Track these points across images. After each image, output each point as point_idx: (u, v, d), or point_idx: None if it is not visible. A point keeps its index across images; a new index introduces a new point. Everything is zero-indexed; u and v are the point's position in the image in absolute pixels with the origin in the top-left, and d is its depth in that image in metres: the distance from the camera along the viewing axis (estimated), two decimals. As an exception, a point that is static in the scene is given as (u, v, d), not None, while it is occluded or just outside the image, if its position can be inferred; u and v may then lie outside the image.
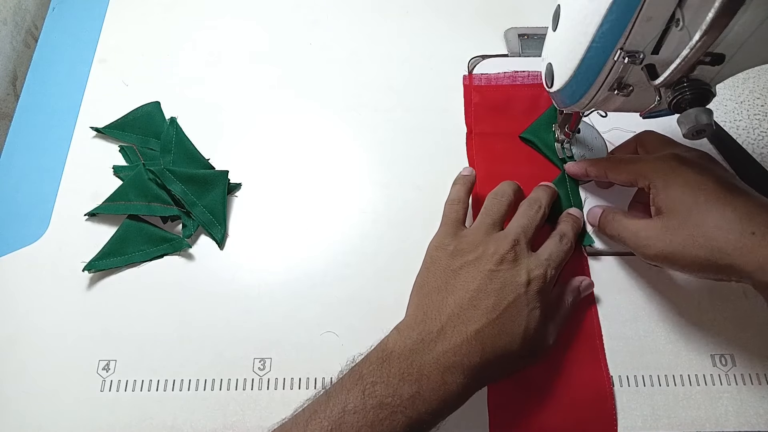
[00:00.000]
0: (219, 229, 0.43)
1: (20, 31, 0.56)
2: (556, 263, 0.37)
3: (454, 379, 0.32)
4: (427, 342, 0.33)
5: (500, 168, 0.46)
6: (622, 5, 0.28)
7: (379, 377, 0.32)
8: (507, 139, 0.48)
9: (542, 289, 0.35)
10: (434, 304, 0.35)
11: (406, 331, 0.34)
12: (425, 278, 0.37)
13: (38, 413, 0.38)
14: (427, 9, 0.54)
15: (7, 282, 0.42)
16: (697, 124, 0.28)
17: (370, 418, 0.30)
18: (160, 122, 0.48)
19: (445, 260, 0.37)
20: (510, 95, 0.49)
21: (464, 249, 0.37)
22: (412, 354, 0.33)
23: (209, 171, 0.45)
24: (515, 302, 0.34)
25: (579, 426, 0.37)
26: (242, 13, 0.54)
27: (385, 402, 0.31)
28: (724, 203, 0.33)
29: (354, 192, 0.46)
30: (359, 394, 0.31)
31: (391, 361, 0.32)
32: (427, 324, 0.34)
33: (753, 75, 0.50)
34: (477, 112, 0.49)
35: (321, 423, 0.31)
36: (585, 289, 0.40)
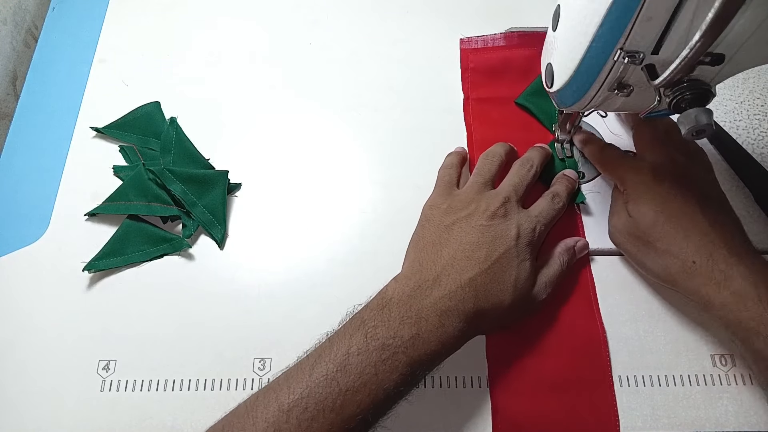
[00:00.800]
0: (219, 229, 0.43)
1: (20, 31, 0.56)
2: (546, 220, 0.39)
3: (451, 322, 0.34)
4: (424, 288, 0.35)
5: (497, 133, 0.47)
6: (622, 5, 0.28)
7: (380, 321, 0.33)
8: (503, 104, 0.49)
9: (531, 242, 0.37)
10: (429, 256, 0.37)
11: (403, 280, 0.36)
12: (420, 234, 0.39)
13: (38, 413, 0.38)
14: (427, 9, 0.54)
15: (7, 282, 0.42)
16: (697, 124, 0.28)
17: (374, 359, 0.32)
18: (160, 122, 0.48)
19: (438, 217, 0.39)
20: (506, 56, 0.50)
21: (457, 206, 0.39)
22: (410, 299, 0.34)
23: (209, 171, 0.45)
24: (505, 254, 0.36)
25: (574, 372, 0.39)
26: (242, 13, 0.54)
27: (387, 343, 0.32)
28: (678, 228, 0.36)
29: (354, 192, 0.46)
30: (362, 338, 0.33)
31: (390, 307, 0.34)
32: (423, 273, 0.36)
33: (753, 75, 0.50)
34: (473, 77, 0.50)
35: (326, 366, 0.32)
36: (580, 250, 0.42)
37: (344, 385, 0.31)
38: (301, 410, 0.31)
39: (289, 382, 0.32)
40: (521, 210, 0.39)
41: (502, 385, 0.38)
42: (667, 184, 0.38)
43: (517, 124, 0.48)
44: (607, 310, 0.41)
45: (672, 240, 0.36)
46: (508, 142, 0.45)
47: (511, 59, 0.50)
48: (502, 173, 0.42)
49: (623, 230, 0.40)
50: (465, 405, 0.38)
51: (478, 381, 0.39)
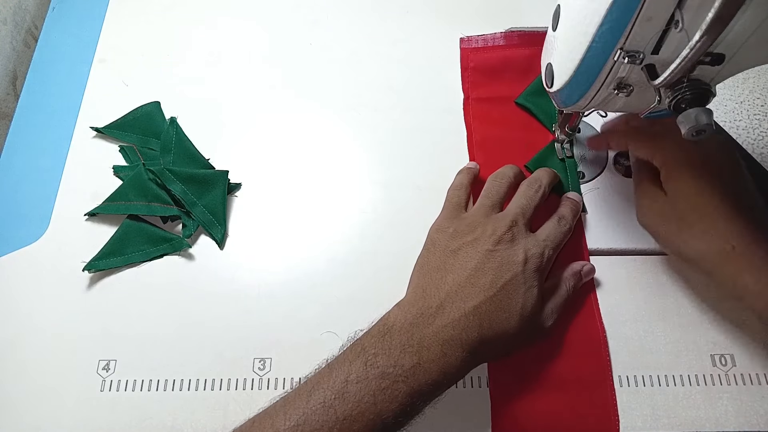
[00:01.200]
0: (219, 229, 0.43)
1: (20, 31, 0.56)
2: (554, 244, 0.38)
3: (453, 351, 0.33)
4: (426, 316, 0.34)
5: (497, 133, 0.47)
6: (622, 5, 0.28)
7: (380, 349, 0.33)
8: (503, 103, 0.49)
9: (539, 268, 0.36)
10: (433, 282, 0.36)
11: (406, 306, 0.35)
12: (425, 259, 0.38)
13: (38, 413, 0.38)
14: (427, 9, 0.54)
15: (7, 282, 0.42)
16: (697, 124, 0.28)
17: (373, 387, 0.31)
18: (160, 122, 0.48)
19: (444, 242, 0.37)
20: (506, 56, 0.50)
21: (463, 231, 0.37)
22: (412, 327, 0.33)
23: (209, 171, 0.45)
24: (512, 280, 0.35)
25: (574, 372, 0.38)
26: (242, 13, 0.54)
27: (386, 372, 0.32)
28: (721, 209, 0.34)
29: (354, 192, 0.46)
30: (361, 365, 0.32)
31: (392, 334, 0.33)
32: (426, 300, 0.35)
33: (753, 75, 0.50)
34: (473, 77, 0.50)
35: (324, 393, 0.31)
36: (586, 274, 0.41)
37: (341, 414, 0.30)
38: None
39: (285, 407, 0.32)
40: (529, 234, 0.37)
41: (501, 385, 0.38)
42: (712, 163, 0.36)
43: (517, 123, 0.48)
44: (607, 310, 0.41)
45: (713, 222, 0.34)
46: (509, 141, 0.45)
47: (511, 59, 0.50)
48: (510, 195, 0.41)
49: (657, 210, 0.37)
50: (465, 405, 0.38)
51: (478, 381, 0.39)
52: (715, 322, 0.40)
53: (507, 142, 0.46)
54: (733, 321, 0.40)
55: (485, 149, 0.46)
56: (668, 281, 0.42)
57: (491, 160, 0.45)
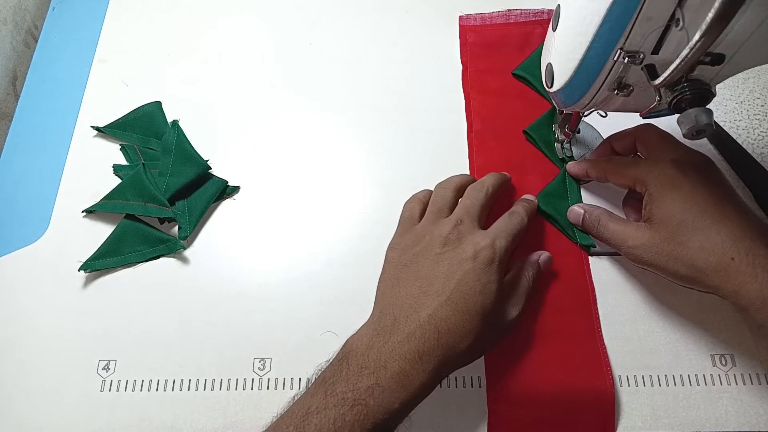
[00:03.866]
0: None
1: (20, 31, 0.56)
2: (506, 234, 0.37)
3: (413, 366, 0.32)
4: (382, 335, 0.33)
5: (494, 102, 0.49)
6: (622, 5, 0.28)
7: (339, 376, 0.32)
8: (501, 74, 0.50)
9: (492, 260, 0.35)
10: (389, 299, 0.35)
11: (363, 330, 0.35)
12: (382, 279, 0.37)
13: (38, 413, 0.38)
14: (427, 9, 0.54)
15: (7, 282, 0.42)
16: (697, 124, 0.28)
17: (332, 415, 0.30)
18: (161, 122, 0.48)
19: (397, 257, 0.37)
20: (504, 33, 0.52)
21: (412, 242, 0.37)
22: (368, 349, 0.33)
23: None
24: (464, 278, 0.34)
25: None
26: (242, 13, 0.54)
27: (345, 397, 0.31)
28: (711, 224, 0.34)
29: (354, 192, 0.46)
30: (321, 395, 0.31)
31: (350, 359, 0.33)
32: (382, 320, 0.34)
33: (753, 75, 0.50)
34: (472, 50, 0.51)
35: (286, 428, 0.31)
36: (544, 263, 0.40)
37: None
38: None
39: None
40: (477, 230, 0.37)
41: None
42: (692, 178, 0.35)
43: (515, 93, 0.49)
44: (607, 310, 0.41)
45: (706, 236, 0.33)
46: (506, 110, 0.47)
47: (509, 34, 0.52)
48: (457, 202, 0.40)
49: (648, 244, 0.36)
50: (464, 405, 0.38)
51: (477, 381, 0.39)
52: (715, 322, 0.40)
53: (504, 111, 0.48)
54: (733, 321, 0.40)
55: (483, 117, 0.48)
56: (668, 281, 0.42)
57: (489, 129, 0.47)
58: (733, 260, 0.33)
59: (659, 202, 0.36)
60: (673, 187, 0.35)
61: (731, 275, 0.33)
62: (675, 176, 0.36)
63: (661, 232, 0.35)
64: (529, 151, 0.47)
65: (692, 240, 0.34)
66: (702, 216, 0.34)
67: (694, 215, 0.34)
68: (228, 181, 0.46)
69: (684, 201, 0.35)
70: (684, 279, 0.35)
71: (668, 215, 0.35)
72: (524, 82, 0.49)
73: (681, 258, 0.34)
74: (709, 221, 0.34)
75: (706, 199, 0.34)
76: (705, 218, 0.34)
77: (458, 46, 0.52)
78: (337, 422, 0.30)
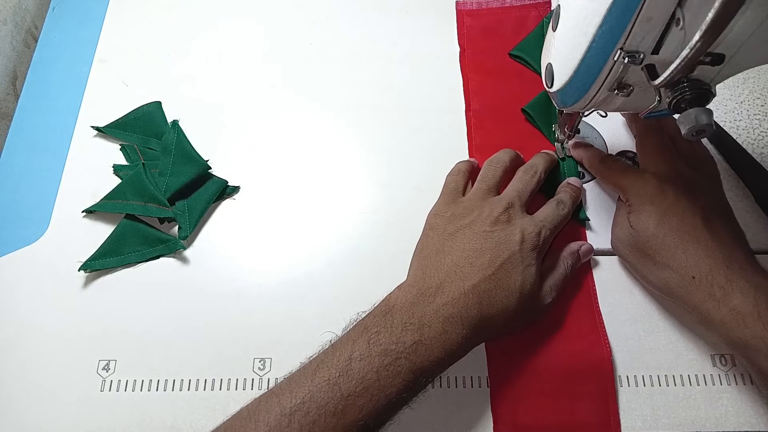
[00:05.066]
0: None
1: (20, 31, 0.56)
2: (551, 225, 0.39)
3: (454, 329, 0.33)
4: (427, 296, 0.35)
5: (491, 82, 0.49)
6: (622, 5, 0.28)
7: (382, 327, 0.33)
8: (498, 55, 0.51)
9: (536, 247, 0.37)
10: (433, 264, 0.36)
11: (407, 287, 0.36)
12: (424, 243, 0.39)
13: (38, 413, 0.38)
14: (427, 8, 0.54)
15: (7, 282, 0.42)
16: (697, 124, 0.28)
17: (376, 364, 0.32)
18: (161, 122, 0.48)
19: (442, 225, 0.38)
20: (500, 17, 0.53)
21: (460, 214, 0.38)
22: (413, 306, 0.34)
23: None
24: (510, 259, 0.36)
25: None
26: (242, 13, 0.54)
27: (389, 349, 0.32)
28: (680, 243, 0.36)
29: (354, 192, 0.46)
30: (364, 344, 0.33)
31: (393, 313, 0.34)
32: (426, 281, 0.35)
33: (753, 75, 0.50)
34: (469, 33, 0.52)
35: (329, 371, 0.32)
36: (584, 254, 0.41)
37: (346, 390, 0.31)
38: (303, 414, 0.31)
39: (291, 386, 0.32)
40: (525, 215, 0.38)
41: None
42: (670, 197, 0.37)
43: (512, 73, 0.50)
44: (607, 310, 0.41)
45: (671, 254, 0.36)
46: (503, 90, 0.48)
47: (506, 18, 0.53)
48: (506, 179, 0.41)
49: (625, 241, 0.39)
50: (465, 405, 0.38)
51: (478, 381, 0.39)
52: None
53: (502, 91, 0.49)
54: (733, 321, 0.40)
55: (481, 97, 0.49)
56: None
57: (487, 108, 0.48)
58: (693, 279, 0.35)
59: (637, 214, 0.38)
60: (650, 203, 0.38)
61: (692, 293, 0.35)
62: (654, 193, 0.38)
63: (635, 239, 0.38)
64: (525, 129, 0.48)
65: (659, 255, 0.37)
66: (672, 234, 0.36)
67: (665, 232, 0.36)
68: (228, 181, 0.46)
69: (657, 218, 0.37)
70: (650, 285, 0.39)
71: (643, 228, 0.37)
72: (521, 62, 0.50)
73: (650, 269, 0.38)
74: (678, 240, 0.36)
75: (679, 218, 0.36)
76: (674, 237, 0.36)
77: (459, 55, 0.52)
78: (381, 372, 0.32)
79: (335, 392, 0.31)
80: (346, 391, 0.31)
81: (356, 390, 0.31)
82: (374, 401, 0.31)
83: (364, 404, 0.31)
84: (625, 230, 0.39)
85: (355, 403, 0.31)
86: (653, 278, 0.38)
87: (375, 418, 0.32)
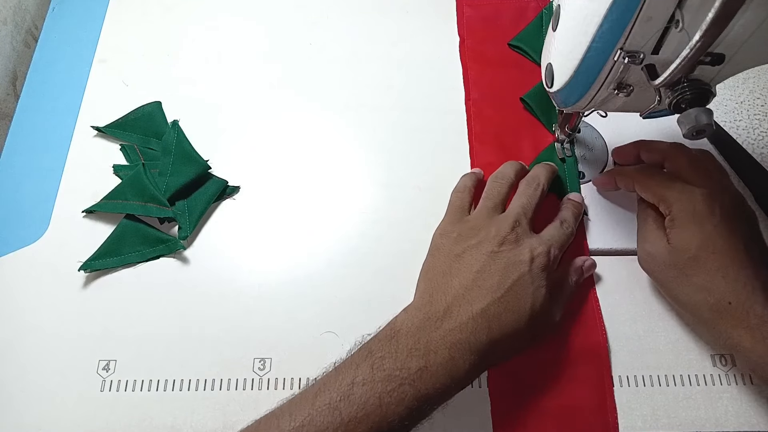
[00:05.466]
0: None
1: (20, 31, 0.56)
2: (558, 244, 0.38)
3: (461, 355, 0.33)
4: (433, 320, 0.34)
5: (491, 72, 0.50)
6: (622, 5, 0.28)
7: (387, 352, 0.32)
8: (497, 45, 0.52)
9: (546, 266, 0.36)
10: (440, 286, 0.35)
11: (413, 311, 0.35)
12: (431, 264, 0.38)
13: (38, 413, 0.38)
14: (427, 9, 0.54)
15: (7, 282, 0.42)
16: (697, 124, 0.28)
17: (379, 390, 0.31)
18: (161, 122, 0.48)
19: (448, 246, 0.38)
20: (499, 7, 0.54)
21: (467, 234, 0.38)
22: (419, 331, 0.33)
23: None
24: (519, 280, 0.35)
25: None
26: (242, 13, 0.54)
27: (393, 375, 0.31)
28: (720, 267, 0.35)
29: (354, 192, 0.46)
30: (368, 368, 0.32)
31: (399, 338, 0.33)
32: (433, 305, 0.34)
33: (753, 75, 0.50)
34: (469, 23, 0.53)
35: (330, 394, 0.31)
36: (588, 269, 0.41)
37: (347, 415, 0.30)
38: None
39: (291, 409, 0.32)
40: (532, 234, 0.38)
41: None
42: (718, 216, 0.35)
43: (511, 63, 0.51)
44: (607, 310, 0.41)
45: (712, 277, 0.35)
46: (501, 80, 0.49)
47: (505, 9, 0.53)
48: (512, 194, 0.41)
49: (659, 258, 0.37)
50: (465, 405, 0.38)
51: (477, 381, 0.39)
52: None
53: (501, 80, 0.49)
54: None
55: (480, 89, 0.49)
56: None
57: (486, 97, 0.49)
58: (730, 304, 0.34)
59: (680, 231, 0.36)
60: (696, 221, 0.36)
61: (724, 317, 0.34)
62: (702, 212, 0.36)
63: (674, 257, 0.36)
64: (524, 118, 0.48)
65: (698, 276, 0.35)
66: (714, 257, 0.35)
67: (707, 254, 0.35)
68: (228, 181, 0.46)
69: (702, 238, 0.35)
70: (680, 304, 0.38)
71: (685, 246, 0.36)
72: (520, 53, 0.51)
73: (684, 289, 0.36)
74: (719, 264, 0.35)
75: (724, 240, 0.35)
76: (716, 259, 0.35)
77: (458, 46, 0.52)
78: (383, 398, 0.31)
79: (335, 417, 0.30)
80: (346, 416, 0.30)
81: (357, 415, 0.30)
82: (375, 428, 0.30)
83: (364, 430, 0.30)
84: (660, 247, 0.37)
85: (356, 429, 0.30)
86: (685, 298, 0.36)
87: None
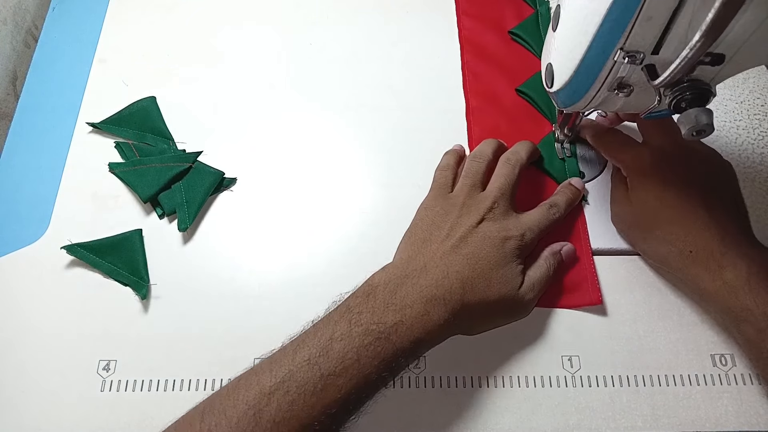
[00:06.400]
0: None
1: (20, 31, 0.56)
2: (537, 228, 0.39)
3: (436, 310, 0.34)
4: (411, 277, 0.35)
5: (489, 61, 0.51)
6: (622, 5, 0.28)
7: (365, 308, 0.34)
8: (496, 35, 0.52)
9: (519, 247, 0.37)
10: (419, 249, 0.37)
11: (391, 269, 0.36)
12: (412, 232, 0.40)
13: (38, 413, 0.38)
14: (427, 9, 0.54)
15: (7, 282, 0.42)
16: (697, 124, 0.28)
17: (356, 344, 0.32)
18: (156, 117, 0.48)
19: (430, 219, 0.39)
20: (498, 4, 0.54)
21: (448, 210, 0.39)
22: (396, 287, 0.35)
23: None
24: (491, 254, 0.36)
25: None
26: (242, 13, 0.54)
27: (370, 329, 0.33)
28: (677, 217, 0.37)
29: (354, 192, 0.46)
30: (346, 324, 0.33)
31: (376, 294, 0.34)
32: (411, 263, 0.36)
33: (753, 75, 0.50)
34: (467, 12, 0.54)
35: (309, 350, 0.32)
36: (566, 254, 0.41)
37: (326, 370, 0.31)
38: (283, 393, 0.31)
39: (271, 365, 0.32)
40: (511, 214, 0.39)
41: None
42: (667, 171, 0.38)
43: (509, 52, 0.51)
44: (607, 310, 0.41)
45: (670, 229, 0.37)
46: (499, 70, 0.49)
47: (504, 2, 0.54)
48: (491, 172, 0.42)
49: (624, 218, 0.40)
50: (464, 405, 0.38)
51: (477, 381, 0.39)
52: (715, 322, 0.40)
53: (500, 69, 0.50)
54: (733, 321, 0.40)
55: (479, 80, 0.50)
56: (668, 282, 0.42)
57: (483, 83, 0.49)
58: (691, 253, 0.36)
59: (635, 190, 0.39)
60: (648, 177, 0.38)
61: (689, 266, 0.36)
62: (652, 166, 0.38)
63: (635, 216, 0.39)
64: (521, 104, 0.48)
65: (659, 230, 0.38)
66: (671, 210, 0.37)
67: (663, 208, 0.37)
68: (225, 172, 0.46)
69: (656, 194, 0.38)
70: (650, 258, 0.40)
71: (642, 204, 0.39)
72: (520, 42, 0.51)
73: (649, 243, 0.39)
74: (676, 215, 0.37)
75: (675, 193, 0.37)
76: (672, 211, 0.37)
77: (458, 45, 0.52)
78: (361, 352, 0.32)
79: (314, 372, 0.31)
80: (325, 370, 0.31)
81: (335, 370, 0.31)
82: (354, 380, 0.32)
83: (343, 384, 0.31)
84: (624, 207, 0.40)
85: (335, 382, 0.31)
86: (652, 252, 0.39)
87: (354, 398, 0.32)
